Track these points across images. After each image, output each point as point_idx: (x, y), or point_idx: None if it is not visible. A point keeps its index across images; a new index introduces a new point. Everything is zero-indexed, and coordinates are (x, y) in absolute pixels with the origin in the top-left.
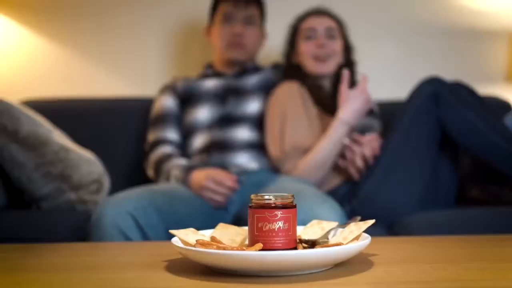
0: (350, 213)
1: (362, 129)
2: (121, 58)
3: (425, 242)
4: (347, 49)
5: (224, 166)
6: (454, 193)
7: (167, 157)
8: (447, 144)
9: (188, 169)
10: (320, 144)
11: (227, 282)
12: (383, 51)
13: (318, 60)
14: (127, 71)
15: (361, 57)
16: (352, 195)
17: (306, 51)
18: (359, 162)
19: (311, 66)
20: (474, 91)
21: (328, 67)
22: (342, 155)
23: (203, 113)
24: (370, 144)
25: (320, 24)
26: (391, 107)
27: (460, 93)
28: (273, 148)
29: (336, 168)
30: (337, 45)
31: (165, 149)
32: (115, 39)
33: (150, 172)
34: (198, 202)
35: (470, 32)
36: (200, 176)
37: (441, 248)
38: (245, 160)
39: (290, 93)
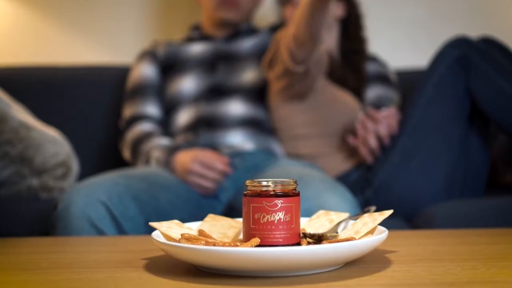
0: (364, 203)
1: (377, 102)
2: (93, 19)
3: (451, 237)
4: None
5: (214, 147)
6: (485, 179)
7: (146, 136)
8: (477, 118)
9: (172, 150)
10: None
11: (218, 284)
12: (400, 13)
13: None
14: (100, 34)
15: (376, 20)
16: (365, 182)
17: (287, 17)
18: (373, 142)
19: None
20: (507, 49)
21: None
22: (353, 132)
23: (188, 84)
24: (387, 120)
25: None
26: (411, 77)
27: (492, 54)
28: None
29: (346, 149)
30: None
31: (144, 127)
32: None
33: (126, 153)
34: (183, 189)
35: None
36: (185, 158)
37: (470, 244)
38: (238, 139)
39: None
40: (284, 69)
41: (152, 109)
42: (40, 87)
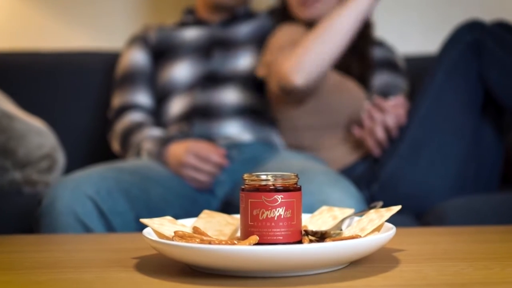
0: (370, 198)
1: (384, 90)
2: (79, 1)
3: (463, 234)
4: None
5: (209, 138)
6: (499, 173)
7: (136, 127)
8: (490, 107)
9: (164, 142)
10: (336, 12)
11: (214, 285)
12: None
13: (303, 4)
14: (87, 17)
15: (383, 2)
16: (371, 175)
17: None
18: (380, 133)
19: (297, 11)
20: None
21: (315, 11)
22: (358, 122)
23: (182, 71)
24: (395, 110)
25: None
26: (421, 63)
27: (507, 39)
28: (265, 70)
29: (350, 140)
30: None
31: (134, 117)
32: None
33: (115, 145)
34: (176, 184)
35: None
36: (179, 149)
37: (483, 242)
38: (235, 130)
39: (292, 33)
40: (277, 90)
41: (142, 98)
42: (23, 74)
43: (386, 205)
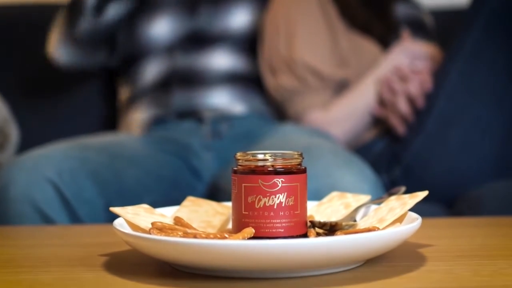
0: (390, 182)
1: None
2: None
3: (504, 227)
4: None
5: (192, 109)
6: None
7: None
8: None
9: None
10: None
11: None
12: None
13: None
14: None
15: None
16: (392, 155)
17: None
18: (403, 106)
19: None
20: None
21: None
22: (379, 99)
23: (161, 28)
24: (419, 77)
25: None
26: (452, 18)
27: None
28: (271, 79)
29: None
30: None
31: None
32: None
33: None
34: (154, 163)
35: None
36: None
37: None
38: (224, 99)
39: (288, 17)
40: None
41: None
42: None
43: (409, 190)
